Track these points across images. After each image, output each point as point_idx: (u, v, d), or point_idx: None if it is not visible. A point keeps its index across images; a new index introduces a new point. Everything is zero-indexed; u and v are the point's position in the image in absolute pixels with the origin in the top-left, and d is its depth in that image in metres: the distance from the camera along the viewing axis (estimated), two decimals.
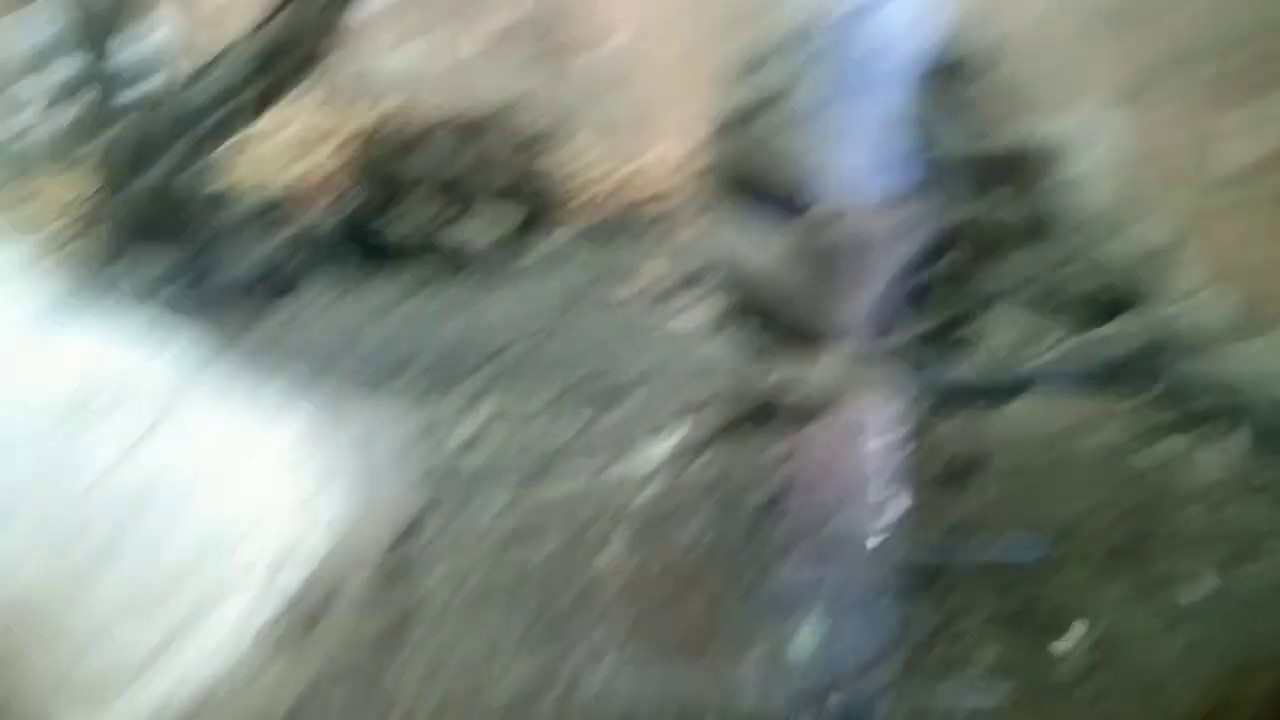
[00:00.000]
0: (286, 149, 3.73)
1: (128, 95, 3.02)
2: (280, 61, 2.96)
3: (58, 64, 3.24)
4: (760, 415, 2.15)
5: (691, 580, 1.71)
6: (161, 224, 2.86)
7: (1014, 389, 2.24)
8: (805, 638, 1.45)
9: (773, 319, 2.95)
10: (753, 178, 3.18)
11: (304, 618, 1.79)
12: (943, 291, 2.56)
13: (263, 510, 2.14)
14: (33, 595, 2.13)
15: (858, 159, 2.75)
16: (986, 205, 2.75)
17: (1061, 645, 1.46)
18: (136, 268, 2.85)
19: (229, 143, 3.00)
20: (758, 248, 3.00)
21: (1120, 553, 1.59)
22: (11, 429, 2.35)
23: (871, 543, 1.58)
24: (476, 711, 1.54)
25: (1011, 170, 2.80)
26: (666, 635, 1.63)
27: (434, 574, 1.94)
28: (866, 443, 1.84)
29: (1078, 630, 1.46)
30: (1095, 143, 2.65)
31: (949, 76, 2.91)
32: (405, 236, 3.16)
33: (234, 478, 2.26)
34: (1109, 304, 2.56)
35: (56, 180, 3.40)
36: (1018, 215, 2.75)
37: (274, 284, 2.87)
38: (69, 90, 3.05)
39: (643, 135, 4.74)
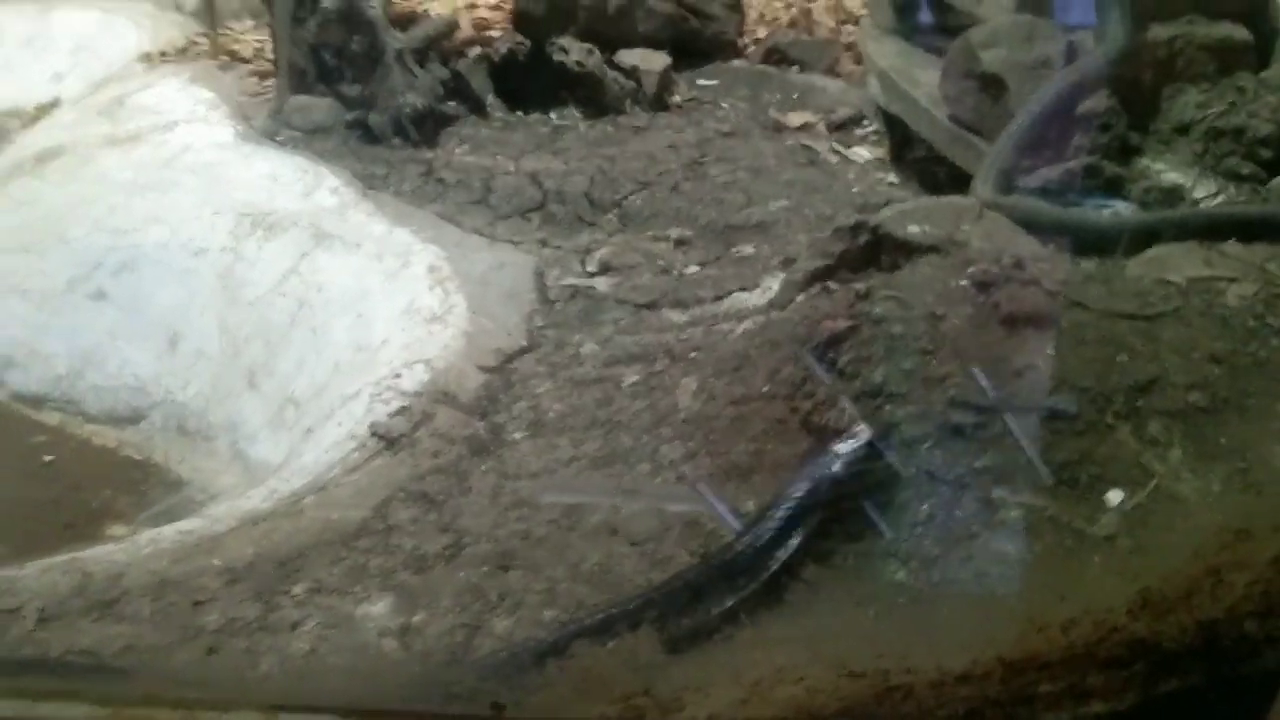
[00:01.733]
0: None
1: None
2: None
3: None
4: (869, 253, 2.10)
5: (752, 415, 1.76)
6: (332, 67, 3.03)
7: (1154, 233, 2.09)
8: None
9: (925, 155, 2.84)
10: (913, 4, 3.01)
11: (409, 424, 1.97)
12: (1107, 121, 2.37)
13: (393, 329, 2.34)
14: (198, 395, 2.45)
15: None
16: (1178, 25, 2.49)
17: (1113, 497, 1.42)
18: (308, 107, 3.05)
19: None
20: (918, 80, 2.87)
21: (1199, 413, 1.50)
22: (193, 242, 2.65)
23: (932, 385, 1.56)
24: (534, 525, 1.67)
25: None
26: (717, 464, 1.70)
27: (531, 393, 2.07)
28: (958, 283, 1.78)
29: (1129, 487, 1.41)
30: None
31: None
32: (560, 77, 3.20)
33: (373, 299, 2.47)
34: None
35: (245, 29, 3.67)
36: (1215, 38, 2.48)
37: (431, 121, 3.01)
38: None
39: None
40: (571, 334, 2.27)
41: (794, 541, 1.38)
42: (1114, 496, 1.39)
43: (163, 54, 3.67)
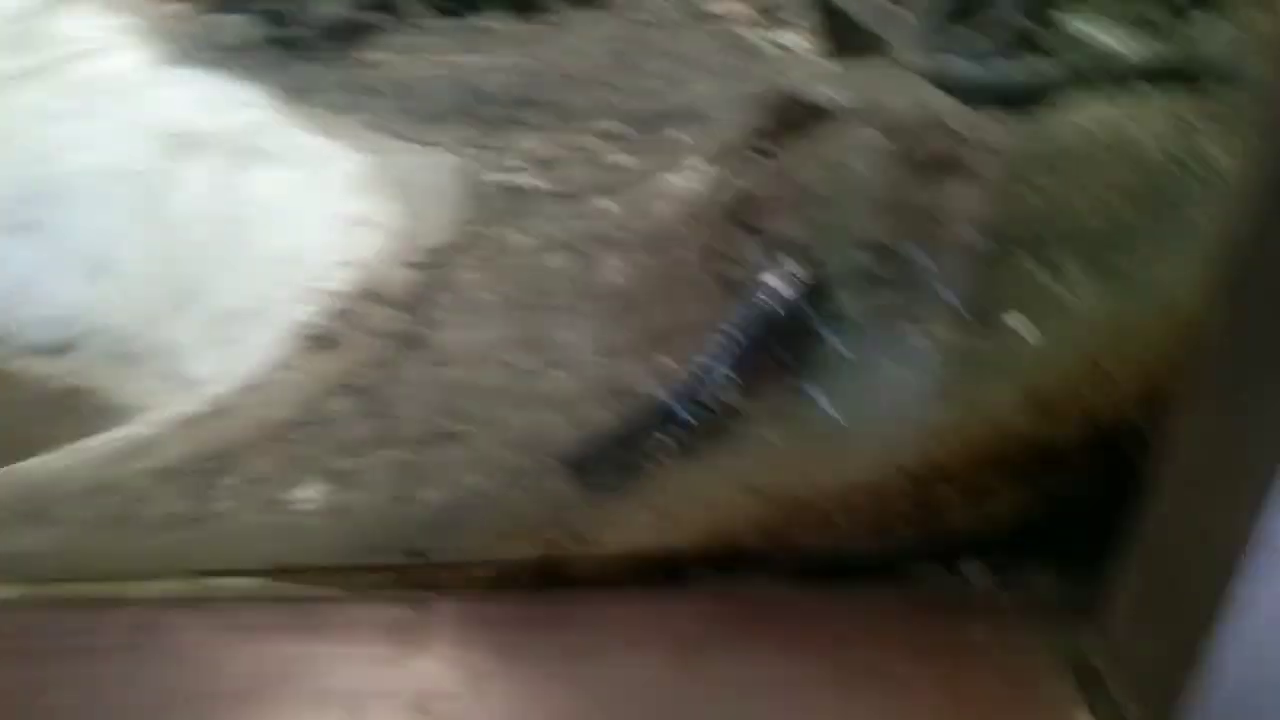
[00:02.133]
0: None
1: None
2: None
3: None
4: (790, 121, 2.10)
5: (672, 284, 1.77)
6: None
7: (1071, 83, 2.09)
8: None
9: (850, 31, 2.81)
10: None
11: (340, 322, 1.97)
12: None
13: (321, 235, 2.32)
14: (130, 319, 2.43)
15: None
16: None
17: (1011, 320, 1.44)
18: (228, 24, 2.99)
19: None
20: None
21: (1098, 238, 1.52)
22: (116, 166, 2.61)
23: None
24: (465, 398, 1.69)
25: None
26: (639, 331, 1.71)
27: (458, 285, 2.07)
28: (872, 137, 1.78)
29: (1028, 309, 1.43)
30: None
31: None
32: None
33: (300, 209, 2.45)
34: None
35: None
36: None
37: (352, 30, 2.95)
38: None
39: None
40: (499, 227, 2.26)
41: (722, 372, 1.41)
42: (1014, 319, 1.41)
43: None
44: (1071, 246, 1.48)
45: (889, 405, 1.34)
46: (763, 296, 1.55)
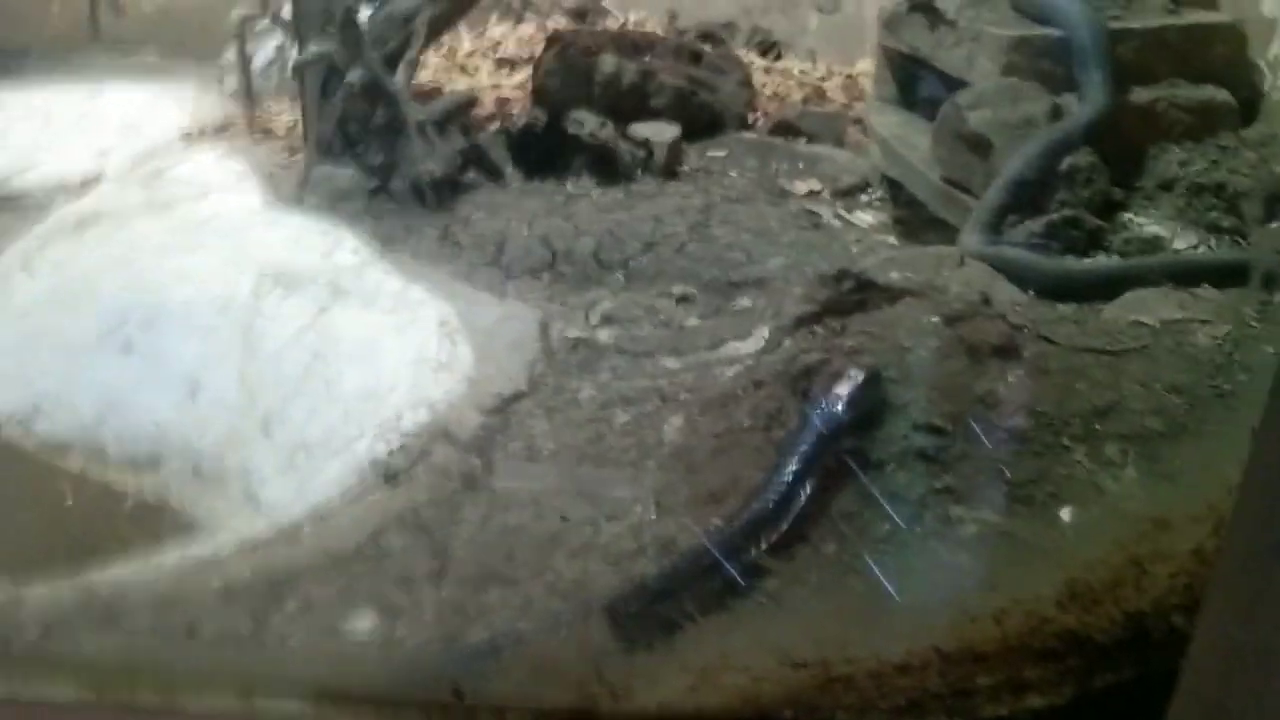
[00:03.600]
0: (483, 58, 4.04)
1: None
2: None
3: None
4: (855, 299, 2.18)
5: (731, 446, 1.82)
6: (357, 137, 3.20)
7: (1130, 279, 2.15)
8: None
9: (923, 217, 2.93)
10: (913, 77, 3.14)
11: (408, 460, 2.06)
12: (1089, 177, 2.45)
13: (401, 377, 2.44)
14: (213, 441, 2.55)
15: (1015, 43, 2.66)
16: (1161, 88, 2.58)
17: (1065, 514, 1.46)
18: (333, 175, 3.22)
19: (418, 53, 3.29)
20: (914, 145, 2.98)
21: (1156, 437, 1.54)
22: (217, 298, 2.79)
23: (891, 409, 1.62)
24: (521, 543, 1.74)
25: (1205, 48, 2.62)
26: (694, 490, 1.76)
27: (526, 433, 2.15)
28: (929, 319, 1.85)
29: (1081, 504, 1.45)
30: None
31: None
32: (575, 148, 3.35)
33: (384, 350, 2.58)
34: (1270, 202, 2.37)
35: (281, 108, 3.88)
36: (1198, 100, 2.57)
37: (449, 188, 3.15)
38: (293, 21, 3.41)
39: (846, 53, 4.71)
40: (570, 380, 2.36)
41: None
42: (1067, 513, 1.43)
43: (202, 131, 3.88)
44: (1123, 440, 1.51)
45: (933, 585, 1.36)
46: (815, 460, 1.59)
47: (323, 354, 2.65)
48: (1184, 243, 2.36)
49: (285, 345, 2.68)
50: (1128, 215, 2.43)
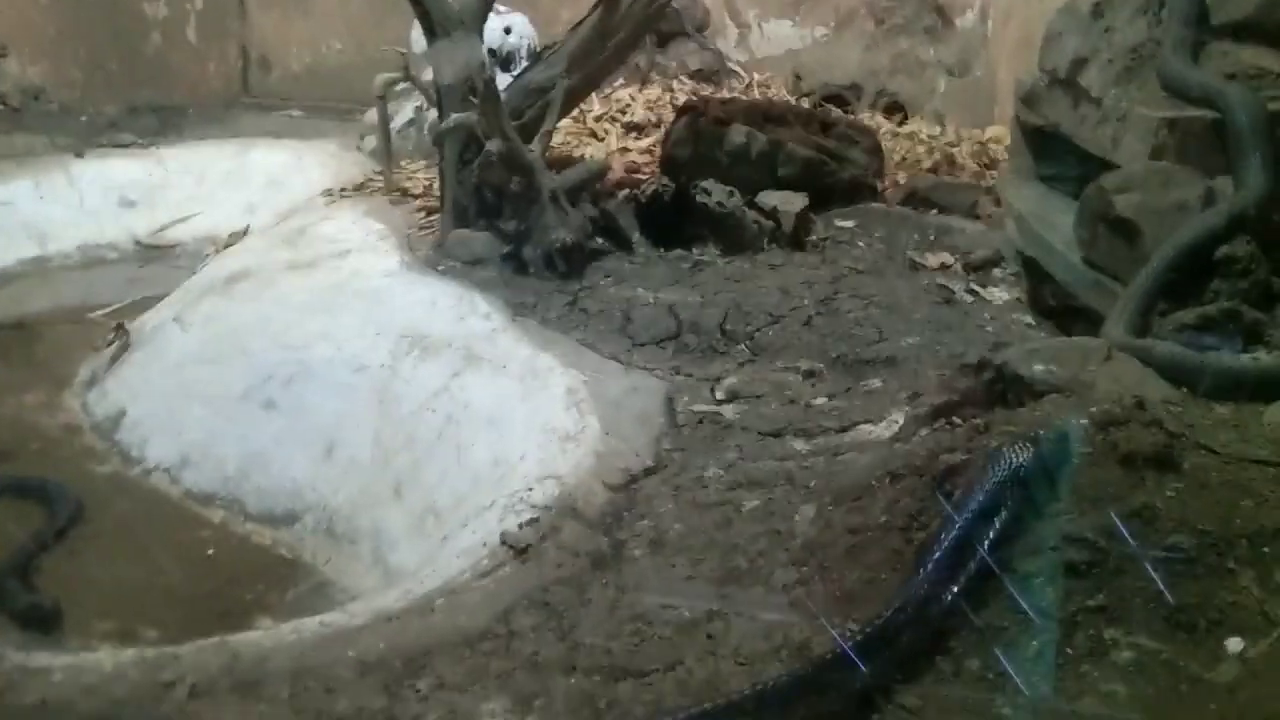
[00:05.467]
0: (611, 121, 4.11)
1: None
2: (594, 55, 3.28)
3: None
4: (995, 391, 2.13)
5: (868, 545, 1.78)
6: (492, 204, 3.29)
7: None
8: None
9: (1062, 298, 2.85)
10: (1052, 152, 3.07)
11: (537, 535, 2.08)
12: (1247, 266, 2.35)
13: (530, 446, 2.47)
14: (348, 501, 2.62)
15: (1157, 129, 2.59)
16: None
17: (1233, 644, 1.39)
18: (468, 240, 3.30)
19: (553, 124, 3.36)
20: (1054, 224, 2.91)
21: None
22: (356, 359, 2.88)
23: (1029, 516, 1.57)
24: (650, 634, 1.73)
25: None
26: (830, 591, 1.72)
27: (654, 512, 2.15)
28: (1078, 421, 1.78)
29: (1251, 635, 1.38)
30: None
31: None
32: (702, 217, 3.37)
33: (514, 418, 2.62)
34: None
35: (417, 168, 4.01)
36: None
37: (579, 256, 3.20)
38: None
39: (975, 117, 4.65)
40: (697, 458, 2.35)
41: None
42: (1234, 644, 1.36)
43: (343, 190, 4.04)
44: None
45: (1085, 713, 1.30)
46: (959, 567, 1.54)
47: (455, 418, 2.71)
48: None
49: (419, 408, 2.75)
50: None
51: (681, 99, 4.21)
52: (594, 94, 3.83)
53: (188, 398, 2.93)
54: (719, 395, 2.64)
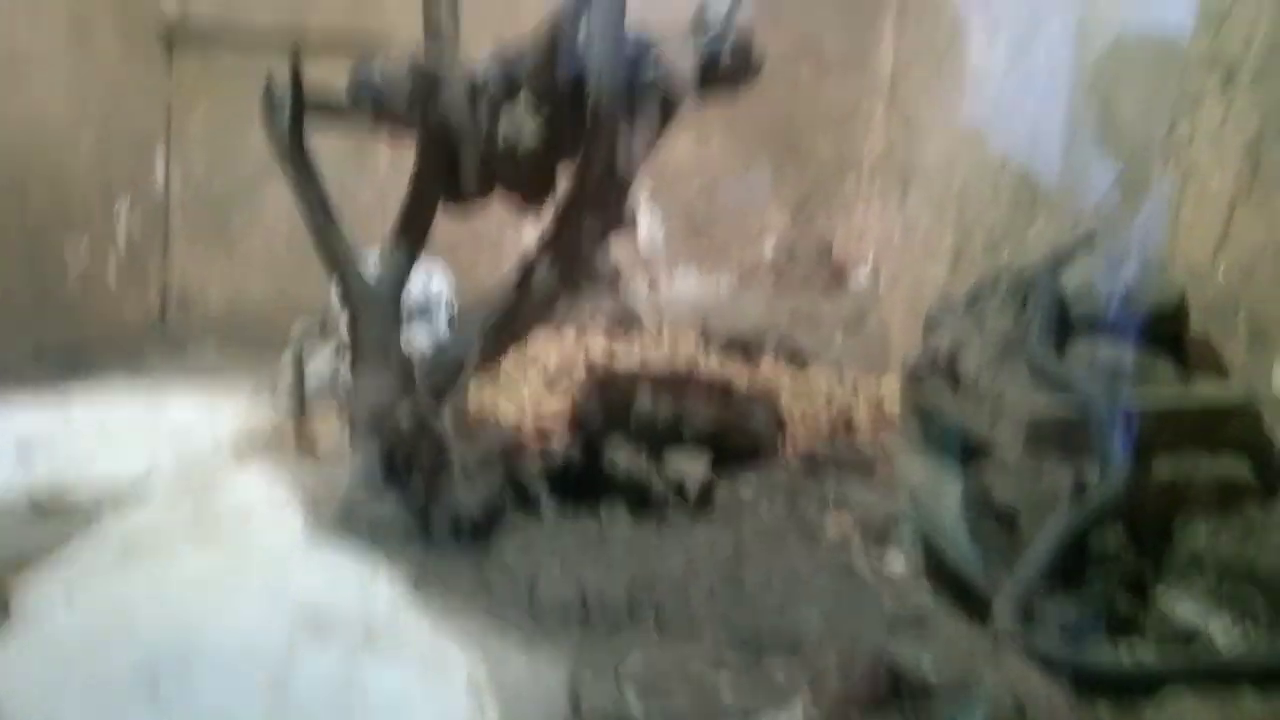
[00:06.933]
0: (522, 373, 4.22)
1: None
2: (505, 327, 3.42)
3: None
4: (887, 688, 2.17)
5: None
6: (401, 472, 3.31)
7: (1168, 678, 2.12)
8: None
9: (951, 574, 2.93)
10: (941, 424, 3.23)
11: None
12: (1116, 562, 2.47)
13: None
14: None
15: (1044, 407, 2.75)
16: (1185, 464, 2.64)
17: None
18: (375, 507, 3.31)
19: (465, 394, 3.44)
20: (944, 502, 3.03)
21: None
22: (247, 642, 2.80)
23: None
24: None
25: (1222, 424, 2.69)
26: None
27: None
28: None
29: None
30: None
31: (1161, 321, 2.87)
32: (610, 480, 3.44)
33: (412, 705, 2.56)
34: None
35: (331, 426, 4.04)
36: (1218, 476, 2.63)
37: (486, 524, 3.22)
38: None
39: (872, 363, 4.88)
40: None
41: None
42: None
43: (251, 444, 4.02)
44: None
45: None
46: None
47: (350, 708, 2.63)
48: (1219, 630, 2.34)
49: (313, 698, 2.66)
50: (1159, 598, 2.43)
51: (595, 350, 4.37)
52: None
53: (67, 686, 2.79)
54: (625, 688, 2.62)
